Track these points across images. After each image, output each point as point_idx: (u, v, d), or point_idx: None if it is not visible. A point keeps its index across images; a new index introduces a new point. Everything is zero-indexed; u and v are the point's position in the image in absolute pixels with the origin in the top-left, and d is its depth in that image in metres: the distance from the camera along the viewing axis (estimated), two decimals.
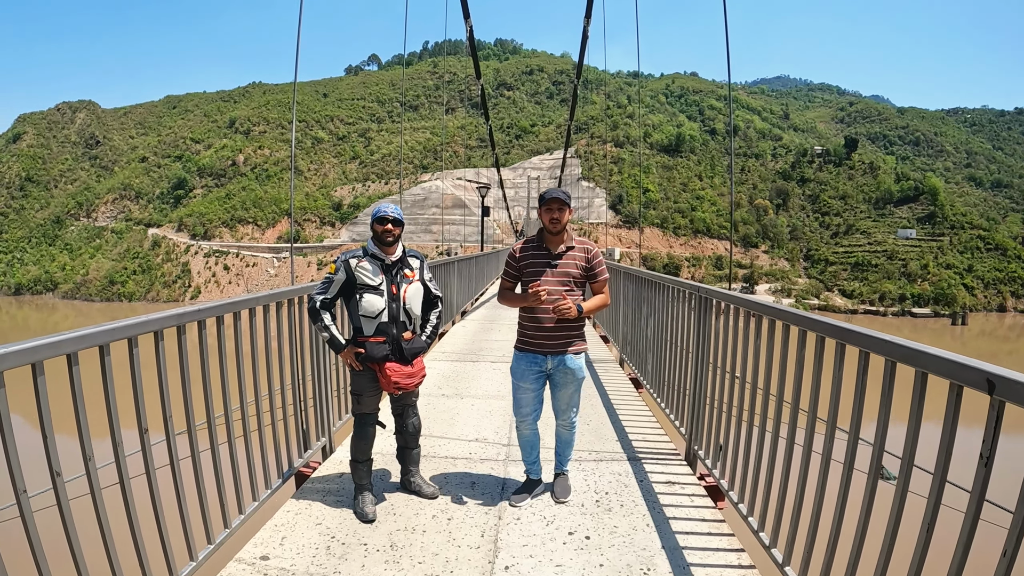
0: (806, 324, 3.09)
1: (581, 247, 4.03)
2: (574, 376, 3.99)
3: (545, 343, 3.95)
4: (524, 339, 4.04)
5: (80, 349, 2.43)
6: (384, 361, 3.83)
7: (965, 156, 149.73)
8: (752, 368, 3.79)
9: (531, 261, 3.99)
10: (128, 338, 2.69)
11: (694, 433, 4.72)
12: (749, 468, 3.68)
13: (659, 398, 6.22)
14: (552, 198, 3.88)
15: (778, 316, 3.44)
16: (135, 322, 2.74)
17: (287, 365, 4.34)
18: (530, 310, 3.96)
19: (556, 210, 3.89)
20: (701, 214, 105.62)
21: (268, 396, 4.09)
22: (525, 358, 4.02)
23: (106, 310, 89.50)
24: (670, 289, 5.93)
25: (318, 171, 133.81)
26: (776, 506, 3.26)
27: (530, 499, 4.08)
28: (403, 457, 4.22)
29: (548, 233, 3.99)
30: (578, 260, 3.98)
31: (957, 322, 76.06)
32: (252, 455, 3.78)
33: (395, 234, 3.89)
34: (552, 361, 3.97)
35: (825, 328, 2.91)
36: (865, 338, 2.57)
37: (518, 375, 4.05)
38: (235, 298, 3.65)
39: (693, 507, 4.00)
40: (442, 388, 7.23)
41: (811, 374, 3.07)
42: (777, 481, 3.29)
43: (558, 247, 3.98)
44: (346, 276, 3.84)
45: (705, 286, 4.72)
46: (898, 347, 2.34)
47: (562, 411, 4.10)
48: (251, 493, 3.80)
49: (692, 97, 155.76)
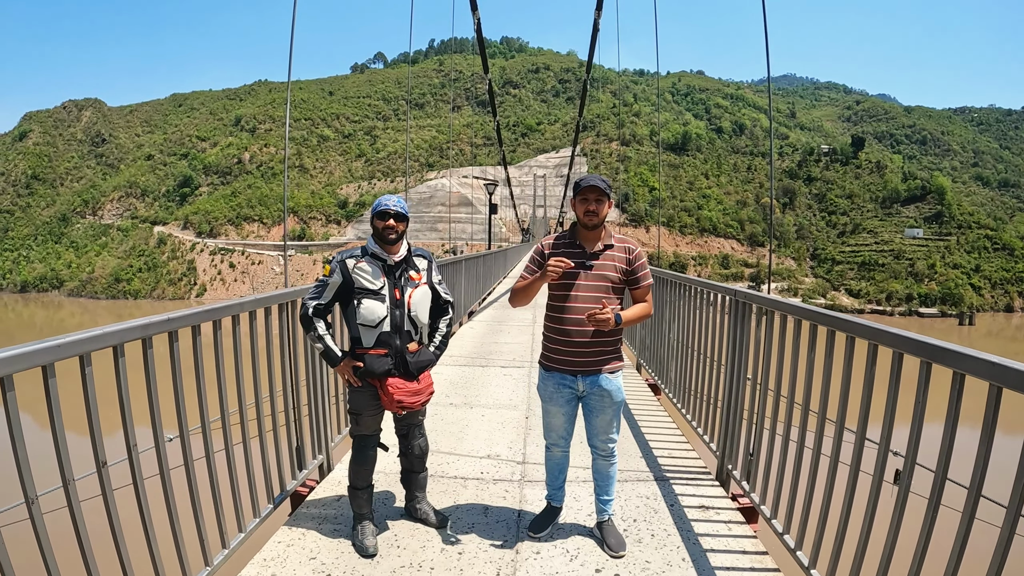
0: (869, 335, 2.68)
1: (622, 246, 3.41)
2: (612, 399, 3.39)
3: (575, 361, 3.35)
4: (551, 355, 3.44)
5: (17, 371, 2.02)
6: (386, 376, 3.34)
7: (972, 155, 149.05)
8: (793, 380, 3.35)
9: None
10: (80, 355, 2.28)
11: (727, 451, 4.28)
12: (787, 486, 3.29)
13: (683, 408, 5.78)
14: (589, 186, 3.27)
15: (840, 327, 2.95)
16: (89, 336, 2.32)
17: (277, 376, 3.90)
18: (557, 321, 3.36)
19: (594, 200, 3.28)
20: (707, 213, 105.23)
21: (256, 414, 3.65)
22: (552, 378, 3.44)
23: (112, 307, 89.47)
24: (699, 292, 5.45)
25: (324, 169, 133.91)
26: (816, 528, 2.95)
27: (551, 530, 3.61)
28: (408, 481, 3.76)
29: (583, 228, 3.37)
30: (618, 262, 3.36)
31: (964, 322, 75.73)
32: (236, 479, 3.35)
33: (398, 231, 3.39)
34: (584, 382, 3.37)
35: (894, 341, 2.50)
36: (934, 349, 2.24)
37: (546, 397, 3.48)
38: (213, 304, 3.19)
39: (731, 536, 3.56)
40: (450, 396, 6.78)
41: (859, 384, 2.71)
42: (818, 501, 2.95)
43: (595, 245, 3.36)
44: (342, 279, 3.36)
45: (742, 289, 4.25)
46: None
47: (600, 440, 3.49)
48: (236, 523, 3.38)
49: (698, 95, 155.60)
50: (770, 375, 3.75)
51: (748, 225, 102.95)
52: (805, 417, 3.22)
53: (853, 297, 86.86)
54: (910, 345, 2.42)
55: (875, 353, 2.68)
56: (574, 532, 3.61)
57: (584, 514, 3.79)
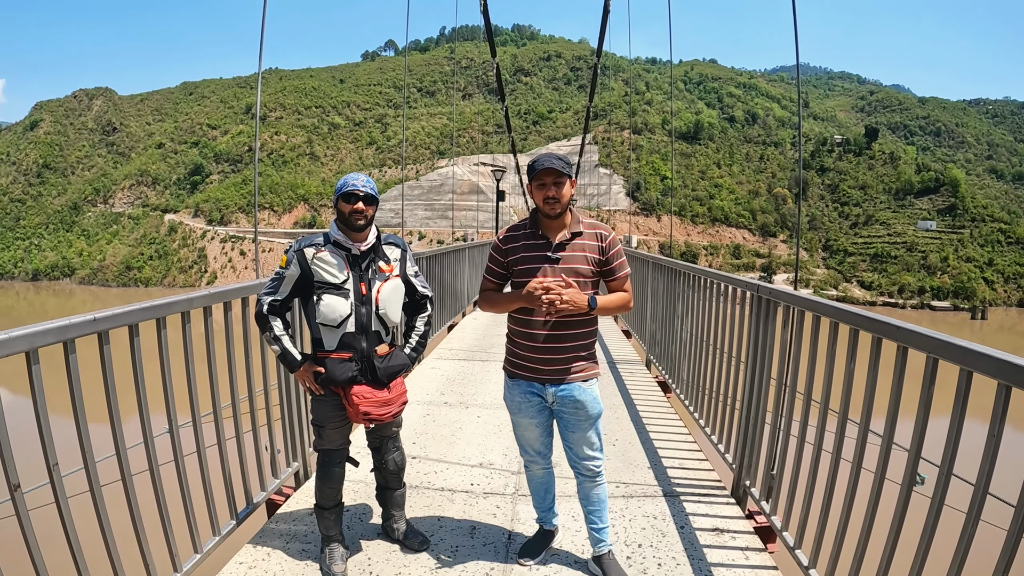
0: (930, 347, 2.23)
1: (592, 232, 2.89)
2: (587, 412, 2.88)
3: (542, 369, 2.86)
4: (515, 360, 2.96)
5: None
6: (350, 384, 2.90)
7: (986, 148, 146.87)
8: (828, 391, 2.89)
9: (523, 255, 2.87)
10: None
11: (745, 466, 3.82)
12: (816, 510, 2.85)
13: (696, 412, 5.32)
14: (545, 168, 2.74)
15: (889, 335, 2.45)
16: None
17: (242, 376, 3.49)
18: (522, 323, 2.88)
19: (552, 184, 2.76)
20: (719, 202, 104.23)
21: (213, 424, 3.24)
22: (518, 387, 2.94)
23: (123, 295, 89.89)
24: (716, 286, 4.95)
25: (335, 156, 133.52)
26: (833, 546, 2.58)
27: (544, 556, 3.17)
28: (384, 499, 3.34)
29: (544, 217, 2.88)
30: (588, 251, 2.84)
31: (976, 316, 74.91)
32: (188, 497, 2.95)
33: (368, 215, 2.93)
34: (553, 392, 2.87)
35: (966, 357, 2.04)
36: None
37: (514, 408, 3.00)
38: (158, 301, 2.76)
39: (749, 567, 3.12)
40: (445, 394, 6.37)
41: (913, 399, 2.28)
42: (854, 531, 2.53)
43: (559, 234, 2.86)
44: (300, 271, 2.90)
45: (766, 285, 3.76)
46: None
47: (579, 458, 2.96)
48: (192, 542, 2.98)
49: (711, 84, 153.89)
50: (798, 384, 3.28)
51: (760, 215, 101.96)
52: (841, 432, 2.77)
53: (865, 289, 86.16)
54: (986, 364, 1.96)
55: (935, 367, 2.21)
56: (570, 561, 3.17)
57: (583, 537, 3.34)
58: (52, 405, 2.15)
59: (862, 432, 2.59)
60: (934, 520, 2.15)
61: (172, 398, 2.82)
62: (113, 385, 2.50)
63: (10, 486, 1.99)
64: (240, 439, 3.44)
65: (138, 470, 2.64)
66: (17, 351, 2.04)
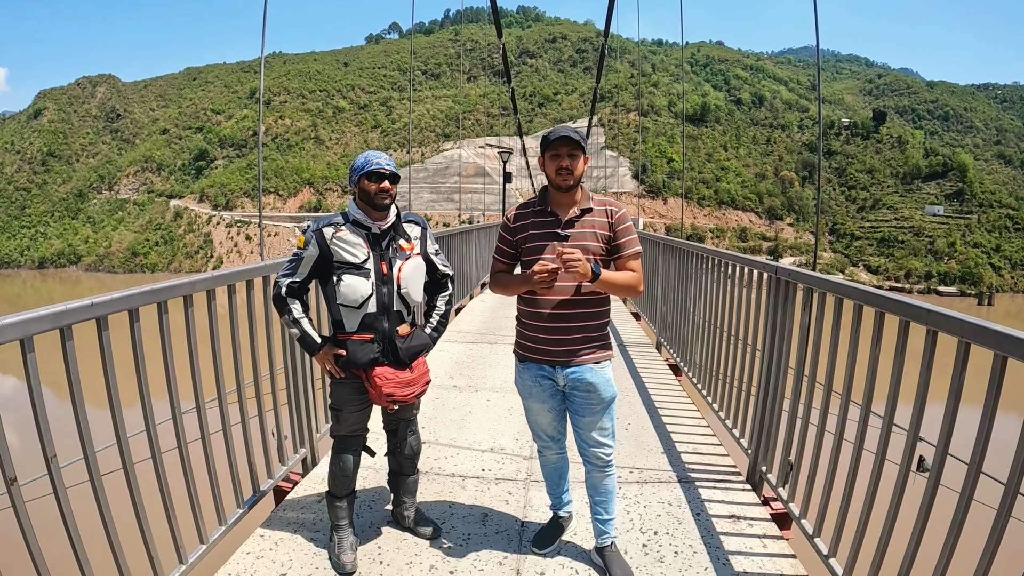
0: (962, 331, 2.12)
1: (602, 209, 2.79)
2: (599, 395, 2.77)
3: (553, 350, 2.77)
4: (525, 343, 2.88)
5: None
6: (372, 366, 2.83)
7: (995, 133, 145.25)
8: (851, 377, 2.81)
9: (531, 232, 2.79)
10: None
11: (762, 451, 3.74)
12: (836, 500, 2.78)
13: (709, 395, 5.25)
14: (560, 138, 2.64)
15: (919, 318, 2.37)
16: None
17: (246, 362, 3.41)
18: (531, 303, 2.79)
19: (567, 155, 2.66)
20: (726, 185, 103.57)
21: (218, 410, 3.16)
22: (529, 370, 2.86)
23: (129, 281, 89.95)
24: (729, 266, 4.86)
25: (339, 140, 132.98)
26: (855, 535, 2.53)
27: (558, 545, 3.10)
28: (395, 485, 3.26)
29: (556, 190, 2.77)
30: (598, 228, 2.75)
31: (983, 302, 74.50)
32: (193, 486, 2.88)
33: (393, 194, 2.85)
34: (564, 375, 2.78)
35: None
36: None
37: (525, 392, 2.92)
38: (158, 284, 2.66)
39: (766, 555, 3.05)
40: (454, 378, 6.30)
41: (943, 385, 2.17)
42: (877, 521, 2.47)
43: (569, 211, 2.77)
44: (319, 251, 2.81)
45: (784, 266, 3.66)
46: None
47: (589, 444, 2.86)
48: (197, 532, 2.91)
49: (718, 66, 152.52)
50: (819, 369, 3.17)
51: (767, 198, 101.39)
52: (864, 420, 2.68)
53: (872, 273, 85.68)
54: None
55: (967, 352, 2.11)
56: (583, 549, 3.10)
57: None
58: (58, 392, 2.08)
59: (886, 422, 2.51)
60: (962, 515, 2.06)
61: (175, 384, 2.74)
62: (113, 372, 2.42)
63: (6, 480, 1.92)
64: (246, 425, 3.37)
65: (140, 459, 2.57)
66: (11, 339, 1.96)
